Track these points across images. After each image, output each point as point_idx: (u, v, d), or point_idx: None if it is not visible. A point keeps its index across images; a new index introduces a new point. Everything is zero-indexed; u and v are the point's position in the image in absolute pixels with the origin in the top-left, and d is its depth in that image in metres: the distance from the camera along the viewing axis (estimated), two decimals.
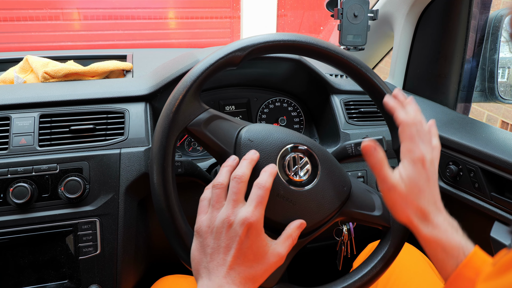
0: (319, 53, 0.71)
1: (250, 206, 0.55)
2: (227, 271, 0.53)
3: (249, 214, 0.54)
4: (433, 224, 0.59)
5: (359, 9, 1.08)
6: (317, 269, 1.35)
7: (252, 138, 0.65)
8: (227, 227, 0.54)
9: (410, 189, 0.60)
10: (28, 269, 0.78)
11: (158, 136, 0.61)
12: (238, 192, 0.56)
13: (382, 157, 0.59)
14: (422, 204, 0.59)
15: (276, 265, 0.57)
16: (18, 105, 0.82)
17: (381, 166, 0.59)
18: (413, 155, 0.61)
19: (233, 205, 0.55)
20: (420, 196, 0.60)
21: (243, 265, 0.54)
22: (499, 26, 1.12)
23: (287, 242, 0.58)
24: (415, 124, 0.62)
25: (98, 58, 1.22)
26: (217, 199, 0.57)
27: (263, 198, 0.56)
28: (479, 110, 2.67)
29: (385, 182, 0.60)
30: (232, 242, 0.54)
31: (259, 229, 0.55)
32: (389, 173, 0.60)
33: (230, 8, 3.72)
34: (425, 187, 0.60)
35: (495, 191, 0.89)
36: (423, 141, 0.62)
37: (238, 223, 0.54)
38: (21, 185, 0.75)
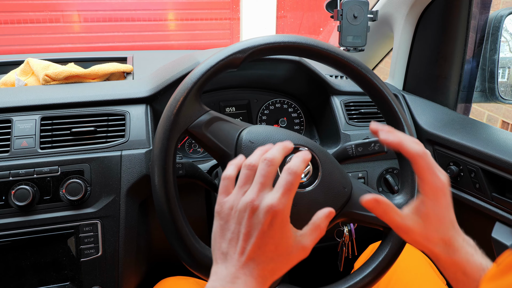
0: (319, 55, 0.71)
1: (277, 193, 0.50)
2: (245, 261, 0.49)
3: (275, 201, 0.49)
4: (454, 248, 0.56)
5: (358, 10, 1.08)
6: (318, 270, 1.35)
7: (253, 139, 0.65)
8: (250, 212, 0.49)
9: (429, 224, 0.56)
10: (30, 271, 0.78)
11: (159, 138, 0.61)
12: (267, 175, 0.51)
13: (387, 206, 0.55)
14: (443, 234, 0.56)
15: (299, 258, 0.52)
16: (20, 108, 0.83)
17: (390, 216, 0.55)
18: (435, 187, 0.56)
19: (259, 189, 0.50)
20: (441, 227, 0.56)
21: (263, 256, 0.49)
22: (499, 26, 1.12)
23: (315, 234, 0.52)
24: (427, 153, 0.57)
25: (99, 60, 1.22)
26: (245, 180, 0.52)
27: (292, 185, 0.50)
28: (480, 110, 2.67)
29: (399, 228, 0.56)
30: (254, 229, 0.49)
31: (284, 219, 0.50)
32: (400, 219, 0.56)
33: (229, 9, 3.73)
34: (446, 215, 0.57)
35: (496, 192, 0.89)
36: (438, 169, 0.58)
37: (262, 209, 0.49)
38: (23, 188, 0.75)
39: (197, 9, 3.70)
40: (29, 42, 3.37)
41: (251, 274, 0.48)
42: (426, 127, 1.07)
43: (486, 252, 0.59)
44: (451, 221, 0.57)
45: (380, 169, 1.03)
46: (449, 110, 1.14)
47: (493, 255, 0.89)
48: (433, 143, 1.05)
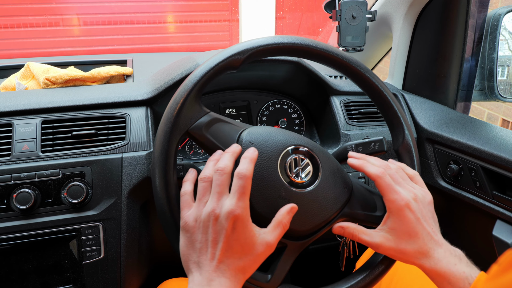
0: (318, 55, 0.71)
1: (233, 198, 0.55)
2: (216, 265, 0.53)
3: (233, 206, 0.54)
4: (435, 259, 0.60)
5: (357, 10, 1.08)
6: (319, 270, 1.35)
7: (253, 140, 0.65)
8: (213, 220, 0.54)
9: (400, 238, 0.62)
10: (32, 274, 0.78)
11: (160, 140, 0.61)
12: (221, 184, 0.56)
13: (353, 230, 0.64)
14: (418, 247, 0.61)
15: (266, 254, 0.57)
16: (20, 112, 0.83)
17: (358, 237, 0.64)
18: (397, 204, 0.62)
19: (217, 198, 0.55)
20: (414, 240, 0.61)
21: (231, 257, 0.54)
22: (498, 25, 1.13)
23: (277, 230, 0.58)
24: (385, 172, 0.64)
25: (99, 63, 1.23)
26: (203, 193, 0.57)
27: (245, 188, 0.55)
28: (480, 109, 2.67)
29: (370, 245, 0.64)
30: (219, 235, 0.54)
31: (245, 220, 0.55)
32: (369, 237, 0.63)
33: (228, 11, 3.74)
34: (418, 228, 0.61)
35: (497, 190, 0.90)
36: (401, 185, 0.64)
37: (223, 216, 0.54)
38: (24, 191, 0.75)
39: (196, 11, 3.71)
40: (29, 46, 3.38)
41: (223, 275, 0.53)
42: (425, 126, 1.07)
43: (487, 250, 0.59)
44: (428, 233, 0.62)
45: None
46: (448, 109, 1.15)
47: (494, 253, 0.89)
48: (433, 142, 1.05)
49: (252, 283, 0.61)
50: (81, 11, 3.46)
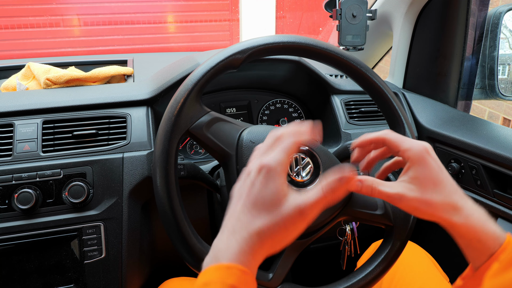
0: (319, 54, 0.71)
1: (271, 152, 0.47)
2: (232, 225, 0.45)
3: (266, 158, 0.47)
4: (465, 213, 0.52)
5: (357, 9, 1.08)
6: (321, 269, 1.35)
7: (253, 139, 0.65)
8: (246, 174, 0.47)
9: (425, 187, 0.53)
10: (34, 274, 0.78)
11: (161, 139, 0.62)
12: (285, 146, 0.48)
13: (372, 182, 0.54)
14: (445, 197, 0.53)
15: (294, 221, 0.45)
16: (21, 112, 0.83)
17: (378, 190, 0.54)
18: (416, 149, 0.55)
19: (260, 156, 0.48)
20: (440, 189, 0.53)
21: (249, 214, 0.45)
22: (498, 23, 1.13)
23: (316, 196, 0.46)
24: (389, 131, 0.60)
25: (99, 63, 1.23)
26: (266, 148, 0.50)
27: (287, 145, 0.47)
28: (481, 108, 2.67)
29: (391, 198, 0.54)
30: (244, 188, 0.46)
31: (274, 172, 0.45)
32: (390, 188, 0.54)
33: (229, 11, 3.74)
34: (443, 176, 0.54)
35: (498, 188, 0.89)
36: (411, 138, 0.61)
37: (254, 167, 0.47)
38: (26, 191, 0.75)
39: (196, 11, 3.71)
40: (30, 47, 3.39)
41: (246, 228, 0.44)
42: (426, 124, 1.07)
43: None
44: (451, 184, 0.54)
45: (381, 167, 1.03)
46: (449, 107, 1.15)
47: None
48: (434, 141, 1.05)
49: None
50: (81, 12, 3.46)
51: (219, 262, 0.43)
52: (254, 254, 0.44)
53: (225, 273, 0.42)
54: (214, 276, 0.42)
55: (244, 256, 0.43)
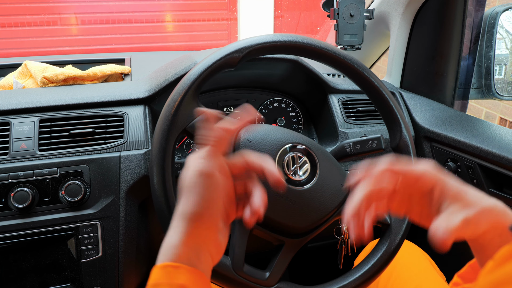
0: (316, 53, 0.71)
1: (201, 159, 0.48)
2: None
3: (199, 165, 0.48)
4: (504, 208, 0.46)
5: (355, 9, 1.08)
6: (318, 268, 1.35)
7: (251, 138, 0.65)
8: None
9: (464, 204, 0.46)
10: (31, 273, 0.78)
11: (158, 137, 0.62)
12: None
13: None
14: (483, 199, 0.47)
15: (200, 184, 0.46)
16: (18, 110, 0.83)
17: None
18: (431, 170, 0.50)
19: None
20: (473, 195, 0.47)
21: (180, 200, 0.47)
22: (495, 23, 1.13)
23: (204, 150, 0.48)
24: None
25: (97, 62, 1.22)
26: None
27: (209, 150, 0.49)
28: (477, 108, 2.68)
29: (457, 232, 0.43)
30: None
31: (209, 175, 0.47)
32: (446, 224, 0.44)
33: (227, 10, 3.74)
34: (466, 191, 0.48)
35: (494, 187, 0.90)
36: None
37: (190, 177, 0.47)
38: (22, 190, 0.75)
39: (194, 10, 3.70)
40: (27, 46, 3.38)
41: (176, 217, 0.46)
42: (423, 124, 1.07)
43: None
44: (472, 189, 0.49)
45: None
46: (446, 107, 1.15)
47: None
48: (430, 140, 1.05)
49: (250, 281, 0.61)
50: (79, 10, 3.46)
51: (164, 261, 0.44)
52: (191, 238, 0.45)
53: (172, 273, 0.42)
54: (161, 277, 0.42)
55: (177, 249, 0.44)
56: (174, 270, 0.43)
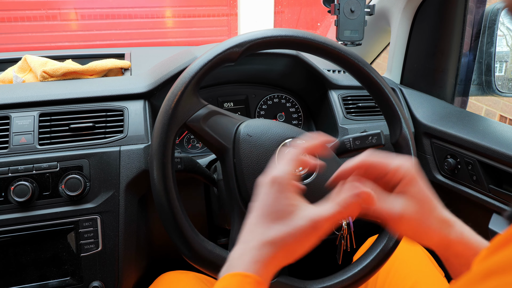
0: (317, 48, 0.71)
1: (279, 166, 0.49)
2: (246, 236, 0.46)
3: (275, 170, 0.48)
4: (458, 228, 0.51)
5: (355, 4, 1.08)
6: (317, 263, 1.36)
7: (251, 133, 0.65)
8: (260, 188, 0.49)
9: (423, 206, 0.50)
10: (30, 267, 0.78)
11: (158, 132, 0.61)
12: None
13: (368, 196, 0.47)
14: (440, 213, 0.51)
15: (307, 233, 0.44)
16: (18, 104, 0.83)
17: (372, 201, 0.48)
18: (407, 165, 0.52)
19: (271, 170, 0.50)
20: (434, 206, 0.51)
21: (262, 224, 0.46)
22: (496, 20, 1.13)
23: (330, 210, 0.46)
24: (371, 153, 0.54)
25: (96, 57, 1.22)
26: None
27: (291, 155, 0.49)
28: (478, 105, 2.68)
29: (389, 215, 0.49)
30: (258, 201, 0.47)
31: (282, 184, 0.46)
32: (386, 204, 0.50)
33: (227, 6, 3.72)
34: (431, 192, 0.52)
35: (493, 184, 0.90)
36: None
37: (266, 180, 0.48)
38: (22, 184, 0.75)
39: (194, 5, 3.69)
40: (26, 41, 3.37)
41: (258, 238, 0.45)
42: (423, 120, 1.07)
43: None
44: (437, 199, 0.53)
45: None
46: (446, 103, 1.15)
47: None
48: (430, 136, 1.05)
49: None
50: (78, 5, 3.44)
51: (233, 271, 0.43)
52: (267, 264, 0.44)
53: (241, 281, 0.42)
54: (231, 283, 0.42)
55: (256, 265, 0.43)
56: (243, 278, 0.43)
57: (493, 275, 0.25)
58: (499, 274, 0.25)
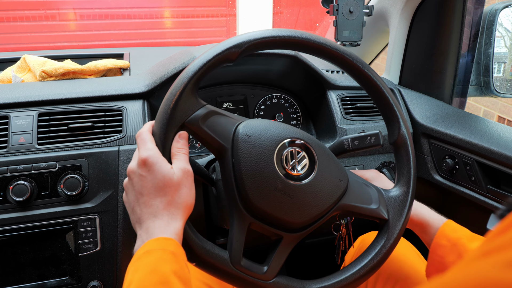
0: (315, 49, 0.71)
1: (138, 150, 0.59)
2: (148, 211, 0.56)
3: (140, 153, 0.58)
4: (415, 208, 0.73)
5: (354, 5, 1.08)
6: (315, 263, 1.36)
7: (249, 133, 0.65)
8: (130, 176, 0.59)
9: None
10: (29, 266, 0.78)
11: (156, 132, 0.62)
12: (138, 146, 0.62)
13: None
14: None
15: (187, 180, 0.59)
16: (17, 104, 0.83)
17: None
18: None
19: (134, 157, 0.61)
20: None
21: (157, 197, 0.56)
22: (494, 20, 1.13)
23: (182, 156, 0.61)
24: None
25: (95, 57, 1.22)
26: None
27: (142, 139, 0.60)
28: (476, 106, 2.69)
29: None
30: (140, 183, 0.57)
31: (154, 159, 0.57)
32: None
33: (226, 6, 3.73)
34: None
35: (491, 184, 0.90)
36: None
37: (135, 166, 0.58)
38: (21, 183, 0.75)
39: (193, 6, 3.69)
40: (25, 41, 3.36)
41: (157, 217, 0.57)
42: (421, 120, 1.07)
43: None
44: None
45: (376, 163, 1.04)
46: (444, 104, 1.15)
47: None
48: (428, 137, 1.05)
49: (248, 274, 0.62)
50: (77, 5, 3.44)
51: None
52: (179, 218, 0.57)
53: (164, 243, 0.53)
54: (154, 245, 0.52)
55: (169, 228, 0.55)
56: (165, 241, 0.53)
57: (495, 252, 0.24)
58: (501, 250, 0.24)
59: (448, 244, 0.69)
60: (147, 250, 0.52)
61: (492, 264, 0.23)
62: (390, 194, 0.73)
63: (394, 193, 0.73)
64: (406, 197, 0.73)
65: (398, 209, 0.72)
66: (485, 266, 0.23)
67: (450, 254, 0.69)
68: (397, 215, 0.71)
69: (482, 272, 0.23)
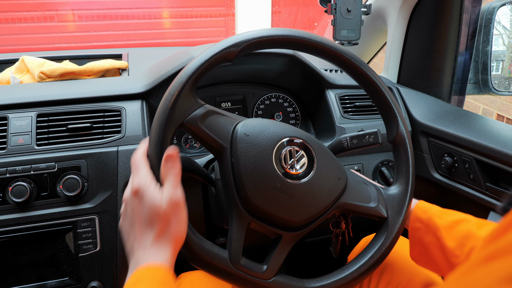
0: (314, 48, 0.71)
1: (134, 177, 0.59)
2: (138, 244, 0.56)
3: (133, 182, 0.58)
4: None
5: (352, 4, 1.09)
6: (315, 263, 1.36)
7: (248, 132, 0.66)
8: (125, 204, 0.59)
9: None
10: (29, 267, 0.78)
11: (155, 131, 0.61)
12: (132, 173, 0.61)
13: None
14: None
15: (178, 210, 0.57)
16: (15, 105, 0.83)
17: None
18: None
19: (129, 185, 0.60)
20: None
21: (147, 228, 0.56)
22: (492, 18, 1.13)
23: (171, 180, 0.58)
24: None
25: (94, 57, 1.22)
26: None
27: (135, 166, 0.60)
28: (475, 104, 2.69)
29: None
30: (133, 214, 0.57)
31: (144, 189, 0.57)
32: None
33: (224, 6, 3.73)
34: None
35: (490, 182, 0.90)
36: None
37: (128, 195, 0.58)
38: (20, 184, 0.75)
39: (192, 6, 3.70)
40: (24, 42, 3.36)
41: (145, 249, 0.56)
42: (420, 119, 1.08)
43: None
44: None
45: (375, 161, 1.04)
46: (443, 102, 1.15)
47: None
48: (427, 135, 1.06)
49: (248, 274, 0.62)
50: (76, 6, 3.44)
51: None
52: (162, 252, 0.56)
53: (153, 271, 0.53)
54: (143, 274, 0.52)
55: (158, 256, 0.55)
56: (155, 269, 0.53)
57: (495, 258, 0.25)
58: (501, 257, 0.24)
59: (422, 226, 0.72)
60: (137, 278, 0.52)
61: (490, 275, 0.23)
62: (389, 192, 0.74)
63: (393, 191, 0.73)
64: (405, 195, 0.73)
65: (397, 207, 0.72)
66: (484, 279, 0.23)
67: (426, 235, 0.71)
68: (396, 213, 0.71)
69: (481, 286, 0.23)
